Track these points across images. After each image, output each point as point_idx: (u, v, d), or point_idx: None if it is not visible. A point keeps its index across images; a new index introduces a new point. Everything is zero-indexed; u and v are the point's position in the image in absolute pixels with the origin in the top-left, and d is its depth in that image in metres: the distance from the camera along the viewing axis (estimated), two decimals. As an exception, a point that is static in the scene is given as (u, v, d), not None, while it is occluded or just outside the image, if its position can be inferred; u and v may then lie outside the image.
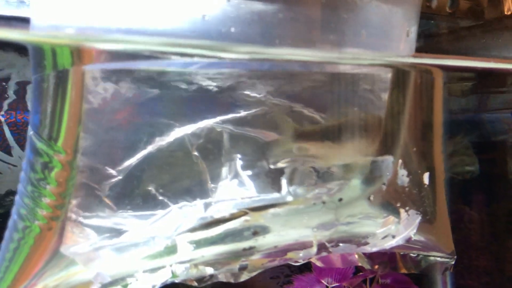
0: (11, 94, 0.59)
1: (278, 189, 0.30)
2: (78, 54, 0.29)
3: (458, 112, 0.68)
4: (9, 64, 0.58)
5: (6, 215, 0.56)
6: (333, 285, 0.54)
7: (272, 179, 0.31)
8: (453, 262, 0.40)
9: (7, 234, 0.30)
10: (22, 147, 0.59)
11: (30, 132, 0.30)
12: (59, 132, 0.29)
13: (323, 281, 0.55)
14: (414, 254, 0.39)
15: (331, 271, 0.55)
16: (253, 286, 0.69)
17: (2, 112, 0.58)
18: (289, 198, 0.30)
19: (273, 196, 0.31)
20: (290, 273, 0.67)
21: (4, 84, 0.58)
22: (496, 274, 0.66)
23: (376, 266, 0.39)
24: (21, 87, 0.59)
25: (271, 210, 0.30)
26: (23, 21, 0.38)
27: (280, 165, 0.31)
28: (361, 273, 0.56)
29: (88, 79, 0.30)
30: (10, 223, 0.31)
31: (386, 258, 0.39)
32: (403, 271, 0.39)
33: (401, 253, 0.39)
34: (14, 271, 0.29)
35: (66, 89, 0.29)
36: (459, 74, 0.62)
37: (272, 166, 0.31)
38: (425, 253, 0.39)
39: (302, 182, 0.31)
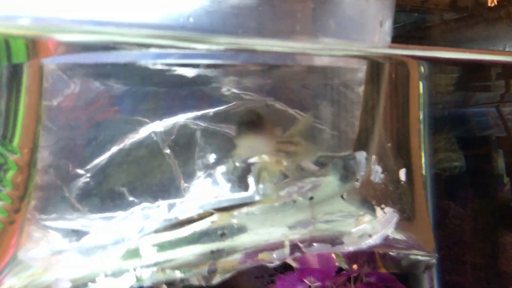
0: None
1: (245, 188, 0.29)
2: (34, 46, 0.27)
3: (443, 107, 0.67)
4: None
5: None
6: (316, 284, 0.53)
7: (239, 177, 0.29)
8: (434, 261, 0.39)
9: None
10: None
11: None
12: (14, 130, 0.27)
13: (305, 280, 0.54)
14: (393, 252, 0.38)
15: (313, 271, 0.53)
16: (238, 286, 0.68)
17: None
18: (257, 197, 0.29)
19: (242, 195, 0.30)
20: (274, 272, 0.66)
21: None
22: (483, 269, 0.65)
23: (355, 266, 0.38)
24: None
25: (244, 209, 0.29)
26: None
27: (249, 162, 0.30)
28: (344, 272, 0.55)
29: (47, 73, 0.29)
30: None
31: (365, 257, 0.38)
32: (383, 270, 0.38)
33: (380, 252, 0.37)
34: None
35: (20, 85, 0.27)
36: (443, 69, 0.61)
37: (238, 164, 0.29)
38: (405, 252, 0.38)
39: (270, 181, 0.29)
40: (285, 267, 0.66)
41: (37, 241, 0.28)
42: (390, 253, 0.38)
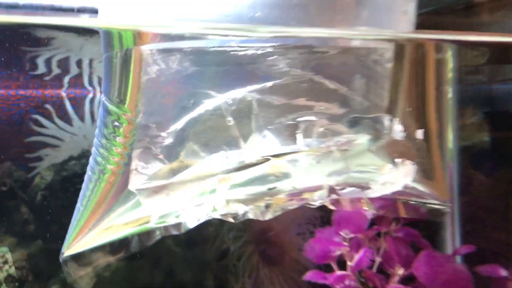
0: (70, 72, 0.68)
1: (294, 141, 0.38)
2: (138, 36, 0.37)
3: (472, 83, 0.74)
4: (67, 46, 0.67)
5: (70, 176, 0.66)
6: (350, 236, 0.62)
7: (289, 133, 0.39)
8: (448, 209, 0.47)
9: (86, 177, 0.40)
10: (81, 118, 0.69)
11: (103, 97, 0.38)
12: (125, 96, 0.37)
13: (341, 233, 0.63)
14: (412, 201, 0.46)
15: (348, 225, 0.62)
16: (281, 241, 0.77)
17: (64, 89, 0.68)
18: (304, 148, 0.38)
19: (292, 147, 0.39)
20: (314, 229, 0.75)
21: (64, 64, 0.68)
22: (502, 233, 0.73)
23: (381, 210, 0.47)
24: (79, 66, 0.68)
25: (291, 157, 0.38)
26: (82, 12, 0.47)
27: (297, 120, 0.39)
28: (374, 227, 0.63)
29: (145, 56, 0.38)
30: (88, 168, 0.40)
31: (389, 203, 0.47)
32: (403, 215, 0.47)
33: (402, 199, 0.46)
34: (93, 204, 0.38)
35: (129, 64, 0.37)
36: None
37: (289, 122, 0.38)
38: (423, 200, 0.46)
39: (314, 135, 0.38)
40: (323, 223, 0.75)
41: (139, 180, 0.38)
42: (410, 201, 0.46)
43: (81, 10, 0.45)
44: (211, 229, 0.73)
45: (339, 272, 0.63)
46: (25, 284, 0.65)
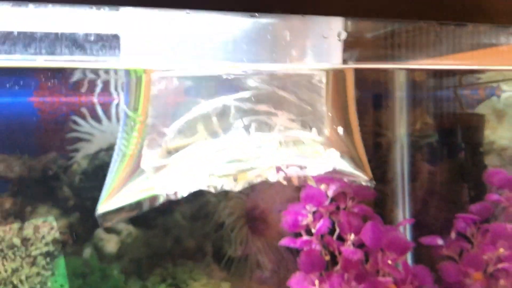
0: (99, 84, 0.88)
1: (259, 133, 0.57)
2: (146, 70, 0.56)
3: (420, 91, 0.92)
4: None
5: (100, 165, 0.86)
6: (313, 209, 0.80)
7: (255, 128, 0.57)
8: (373, 186, 0.65)
9: (113, 159, 0.59)
10: (108, 119, 0.89)
11: (124, 105, 0.58)
12: (138, 106, 0.56)
13: (306, 207, 0.81)
14: (345, 178, 0.64)
15: (312, 200, 0.81)
16: (266, 217, 0.96)
17: (95, 96, 0.88)
18: (263, 139, 0.57)
19: (255, 137, 0.57)
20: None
21: (95, 78, 0.87)
22: (444, 212, 0.90)
23: (322, 186, 0.65)
24: (105, 81, 0.88)
25: (254, 144, 0.57)
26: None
27: (262, 119, 0.57)
28: (334, 202, 0.81)
29: (152, 79, 0.58)
30: (114, 154, 0.59)
31: (327, 181, 0.65)
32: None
33: (336, 177, 0.64)
34: (117, 178, 0.57)
35: (141, 85, 0.56)
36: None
37: (256, 120, 0.57)
38: (352, 179, 0.64)
39: (271, 130, 0.57)
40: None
41: (147, 161, 0.58)
42: (343, 178, 0.64)
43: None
44: (210, 206, 0.92)
45: (305, 237, 0.82)
46: (66, 245, 0.85)
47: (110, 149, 0.88)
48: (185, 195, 0.60)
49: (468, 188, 0.89)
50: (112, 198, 0.58)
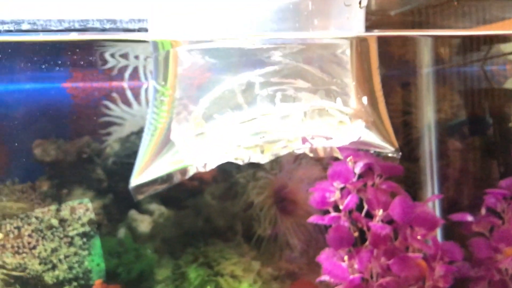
0: (129, 69, 0.90)
1: (274, 104, 0.58)
2: (174, 42, 0.58)
3: (446, 66, 0.91)
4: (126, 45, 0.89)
5: (131, 146, 0.88)
6: (340, 186, 0.81)
7: (280, 100, 0.58)
8: (399, 156, 0.66)
9: (144, 134, 0.61)
10: (138, 103, 0.91)
11: (153, 81, 0.60)
12: (167, 80, 0.58)
13: (334, 184, 0.82)
14: (370, 150, 0.65)
15: (339, 177, 0.81)
16: (294, 196, 0.97)
17: (125, 81, 0.90)
18: (283, 110, 0.58)
19: (280, 108, 0.59)
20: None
21: (125, 63, 0.90)
22: (472, 188, 0.89)
23: (348, 157, 0.66)
24: (135, 66, 0.90)
25: (279, 115, 0.58)
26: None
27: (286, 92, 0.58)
28: (361, 179, 0.82)
29: (179, 54, 0.59)
30: (145, 128, 0.61)
31: (353, 153, 0.66)
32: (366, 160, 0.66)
33: (362, 148, 0.65)
34: (149, 151, 0.60)
35: (168, 60, 0.58)
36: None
37: (280, 93, 0.58)
38: (378, 150, 0.65)
39: (296, 101, 0.58)
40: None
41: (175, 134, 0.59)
42: (369, 150, 0.65)
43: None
44: (239, 186, 0.93)
45: (333, 214, 0.82)
46: (101, 226, 0.88)
47: (140, 132, 0.91)
48: (213, 167, 0.61)
49: (498, 164, 0.88)
50: (144, 171, 0.60)
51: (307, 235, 0.95)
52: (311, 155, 0.65)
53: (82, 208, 0.86)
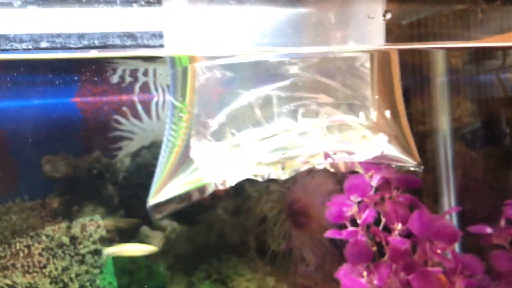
0: (139, 82, 0.89)
1: (296, 120, 0.57)
2: (192, 58, 0.56)
3: (462, 75, 0.90)
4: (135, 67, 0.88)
5: (142, 161, 0.86)
6: (358, 199, 0.79)
7: (298, 115, 0.57)
8: (421, 170, 0.64)
9: (162, 151, 0.59)
10: (149, 117, 0.90)
11: (170, 97, 0.58)
12: (185, 96, 0.57)
13: (351, 198, 0.80)
14: (392, 164, 0.63)
15: (356, 191, 0.80)
16: (308, 210, 0.95)
17: (135, 94, 0.89)
18: (306, 125, 0.57)
19: (299, 124, 0.57)
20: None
21: (135, 76, 0.88)
22: (490, 199, 0.88)
23: (371, 172, 0.64)
24: (145, 75, 0.89)
25: (298, 131, 0.56)
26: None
27: (304, 107, 0.57)
28: (378, 192, 0.80)
29: (197, 70, 0.58)
30: (163, 146, 0.60)
31: (374, 166, 0.64)
32: (387, 175, 0.64)
33: (384, 163, 0.63)
34: (166, 169, 0.58)
35: (187, 75, 0.57)
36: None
37: (298, 108, 0.57)
38: (400, 164, 0.63)
39: (315, 116, 0.57)
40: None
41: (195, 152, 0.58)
42: (391, 164, 0.63)
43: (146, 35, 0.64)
44: (252, 200, 0.92)
45: (351, 228, 0.81)
46: (113, 243, 0.86)
47: (151, 146, 0.89)
48: (233, 184, 0.60)
49: (516, 174, 0.87)
50: (162, 189, 0.58)
51: (322, 249, 0.93)
52: (332, 170, 0.63)
53: (93, 225, 0.84)
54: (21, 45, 0.42)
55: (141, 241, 0.87)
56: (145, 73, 0.86)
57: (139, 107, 0.89)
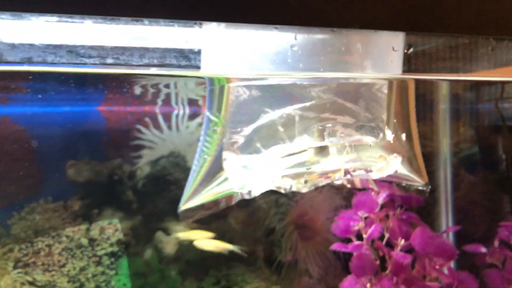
0: (161, 95, 0.94)
1: (323, 140, 0.62)
2: (228, 79, 0.62)
3: (461, 103, 0.96)
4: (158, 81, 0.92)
5: (161, 170, 0.91)
6: (365, 215, 0.85)
7: (319, 134, 0.62)
8: (428, 190, 0.70)
9: (195, 160, 0.64)
10: (169, 128, 0.95)
11: (207, 112, 0.63)
12: (221, 111, 0.62)
13: (358, 213, 0.85)
14: (402, 183, 0.69)
15: (363, 207, 0.85)
16: (315, 223, 1.01)
17: (157, 107, 0.94)
18: (329, 144, 0.62)
19: (321, 143, 0.63)
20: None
21: (158, 87, 0.93)
22: (486, 221, 0.94)
23: (382, 190, 0.70)
24: (167, 93, 0.94)
25: (321, 149, 0.62)
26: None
27: (324, 127, 0.63)
28: (384, 209, 0.86)
29: (232, 89, 0.63)
30: (196, 156, 0.65)
31: (387, 185, 0.70)
32: (398, 193, 0.70)
33: (395, 181, 0.69)
34: (199, 177, 0.63)
35: (223, 93, 0.62)
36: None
37: (319, 128, 0.62)
38: (410, 182, 0.69)
39: (335, 136, 0.62)
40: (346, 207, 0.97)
41: (226, 163, 0.63)
42: (401, 183, 0.69)
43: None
44: (262, 212, 0.97)
45: (356, 242, 0.86)
46: (129, 246, 0.90)
47: (170, 156, 0.94)
48: (257, 194, 0.65)
49: (510, 198, 0.93)
50: (194, 196, 0.63)
51: (325, 262, 0.98)
52: (348, 186, 0.69)
53: (112, 228, 0.88)
54: (89, 60, 0.46)
55: (156, 246, 0.91)
56: (167, 86, 0.91)
57: (160, 118, 0.94)
